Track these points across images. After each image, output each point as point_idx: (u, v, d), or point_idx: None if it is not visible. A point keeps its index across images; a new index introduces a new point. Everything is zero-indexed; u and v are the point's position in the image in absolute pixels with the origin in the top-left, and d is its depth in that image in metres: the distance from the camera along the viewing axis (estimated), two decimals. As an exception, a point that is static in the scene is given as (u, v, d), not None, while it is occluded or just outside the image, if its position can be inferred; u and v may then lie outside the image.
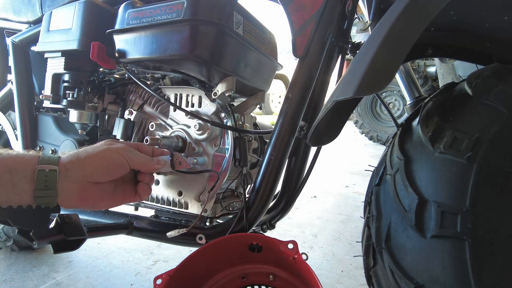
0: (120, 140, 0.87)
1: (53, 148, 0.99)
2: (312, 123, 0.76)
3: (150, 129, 0.85)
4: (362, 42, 0.78)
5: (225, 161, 0.78)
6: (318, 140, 0.69)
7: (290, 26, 0.74)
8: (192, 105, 0.82)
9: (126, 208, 0.86)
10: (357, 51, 0.64)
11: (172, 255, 1.42)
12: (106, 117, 0.96)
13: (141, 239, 1.24)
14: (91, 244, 1.48)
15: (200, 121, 0.78)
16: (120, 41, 0.80)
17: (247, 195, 0.74)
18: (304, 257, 0.57)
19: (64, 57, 0.89)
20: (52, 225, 0.61)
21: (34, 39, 1.01)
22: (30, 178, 0.55)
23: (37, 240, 0.58)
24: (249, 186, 0.76)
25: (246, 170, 0.76)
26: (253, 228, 0.76)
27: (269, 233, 0.80)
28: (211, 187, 0.76)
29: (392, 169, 0.52)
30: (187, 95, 0.82)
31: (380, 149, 4.01)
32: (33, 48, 1.05)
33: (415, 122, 0.55)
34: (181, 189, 0.80)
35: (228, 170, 0.77)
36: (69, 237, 0.62)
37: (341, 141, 4.59)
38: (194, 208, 0.79)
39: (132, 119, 0.86)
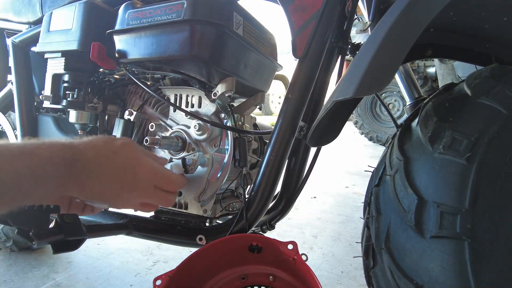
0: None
1: (53, 149, 0.99)
2: (312, 124, 0.76)
3: (150, 129, 0.85)
4: (361, 42, 0.78)
5: (224, 161, 0.78)
6: (318, 141, 0.69)
7: (290, 26, 0.74)
8: (192, 106, 0.82)
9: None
10: (357, 52, 0.64)
11: (172, 255, 1.42)
12: (106, 117, 0.96)
13: (141, 240, 1.24)
14: (91, 245, 1.48)
15: (199, 122, 0.78)
16: (120, 42, 0.80)
17: (246, 196, 0.74)
18: (304, 257, 0.57)
19: (64, 58, 0.89)
20: (51, 225, 0.61)
21: (34, 40, 1.01)
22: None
23: (37, 240, 0.58)
24: (249, 186, 0.76)
25: (246, 171, 0.76)
26: (253, 229, 0.76)
27: (269, 234, 0.80)
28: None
29: (392, 170, 0.52)
30: (187, 96, 0.82)
31: (380, 150, 4.01)
32: (33, 49, 1.05)
33: (414, 123, 0.55)
34: (181, 190, 0.80)
35: (228, 170, 0.77)
36: (69, 237, 0.62)
37: (341, 142, 4.59)
38: (194, 209, 0.79)
39: (132, 120, 0.86)
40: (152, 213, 0.86)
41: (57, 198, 0.62)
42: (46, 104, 0.94)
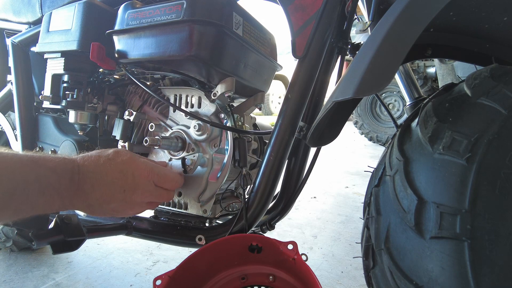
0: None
1: (52, 149, 0.99)
2: (311, 124, 0.76)
3: (150, 129, 0.85)
4: (361, 42, 0.78)
5: (224, 161, 0.78)
6: (318, 141, 0.69)
7: (289, 26, 0.74)
8: (192, 106, 0.82)
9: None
10: (357, 52, 0.64)
11: (172, 255, 1.42)
12: (106, 117, 0.96)
13: (141, 240, 1.24)
14: (91, 245, 1.48)
15: (199, 122, 0.78)
16: (120, 42, 0.80)
17: (246, 196, 0.74)
18: (304, 257, 0.57)
19: (63, 58, 0.89)
20: (51, 225, 0.61)
21: (34, 40, 1.01)
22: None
23: (37, 240, 0.58)
24: (248, 186, 0.76)
25: (246, 171, 0.76)
26: (253, 229, 0.76)
27: (269, 234, 0.79)
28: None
29: (392, 170, 0.52)
30: (187, 96, 0.82)
31: (380, 150, 4.01)
32: (33, 49, 1.05)
33: (414, 123, 0.55)
34: (181, 190, 0.80)
35: (228, 170, 0.77)
36: (68, 238, 0.62)
37: (341, 142, 4.59)
38: (193, 209, 0.79)
39: (131, 120, 0.86)
40: (152, 213, 0.86)
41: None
42: (46, 104, 0.94)
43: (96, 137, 0.96)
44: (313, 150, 0.84)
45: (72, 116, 0.92)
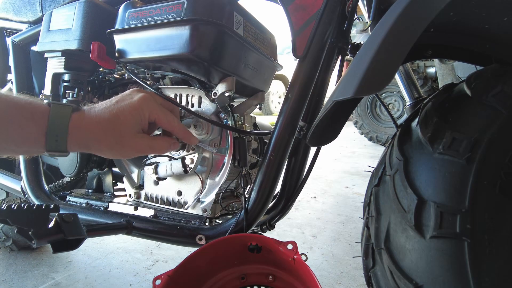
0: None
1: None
2: (311, 124, 0.76)
3: (150, 129, 0.85)
4: (361, 42, 0.78)
5: (224, 161, 0.78)
6: (318, 141, 0.69)
7: (290, 26, 0.74)
8: (192, 105, 0.82)
9: (126, 208, 0.86)
10: (357, 52, 0.64)
11: (172, 255, 1.42)
12: (106, 117, 0.96)
13: (141, 239, 1.24)
14: (91, 244, 1.48)
15: (200, 121, 0.78)
16: (120, 41, 0.80)
17: (246, 196, 0.74)
18: (303, 257, 0.57)
19: (64, 57, 0.89)
20: (51, 224, 0.61)
21: (34, 39, 1.01)
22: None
23: (36, 239, 0.58)
24: (248, 186, 0.76)
25: (246, 170, 0.76)
26: (253, 229, 0.76)
27: (269, 234, 0.80)
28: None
29: (392, 170, 0.52)
30: (187, 95, 0.82)
31: (380, 150, 4.01)
32: (33, 48, 1.05)
33: (414, 123, 0.55)
34: (181, 189, 0.80)
35: (228, 170, 0.77)
36: (68, 237, 0.62)
37: (341, 142, 4.60)
38: (193, 209, 0.79)
39: (131, 119, 0.86)
40: (152, 213, 0.86)
41: None
42: (46, 103, 0.94)
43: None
44: (313, 150, 0.84)
45: (72, 115, 0.92)
